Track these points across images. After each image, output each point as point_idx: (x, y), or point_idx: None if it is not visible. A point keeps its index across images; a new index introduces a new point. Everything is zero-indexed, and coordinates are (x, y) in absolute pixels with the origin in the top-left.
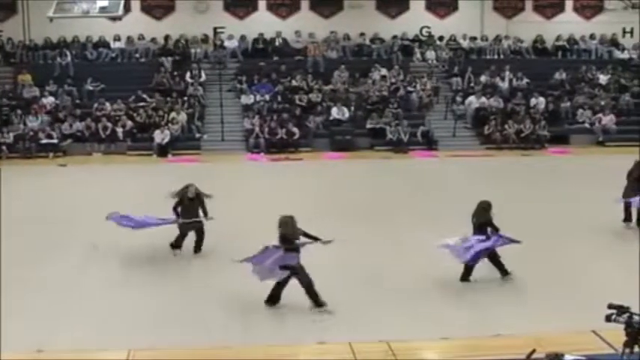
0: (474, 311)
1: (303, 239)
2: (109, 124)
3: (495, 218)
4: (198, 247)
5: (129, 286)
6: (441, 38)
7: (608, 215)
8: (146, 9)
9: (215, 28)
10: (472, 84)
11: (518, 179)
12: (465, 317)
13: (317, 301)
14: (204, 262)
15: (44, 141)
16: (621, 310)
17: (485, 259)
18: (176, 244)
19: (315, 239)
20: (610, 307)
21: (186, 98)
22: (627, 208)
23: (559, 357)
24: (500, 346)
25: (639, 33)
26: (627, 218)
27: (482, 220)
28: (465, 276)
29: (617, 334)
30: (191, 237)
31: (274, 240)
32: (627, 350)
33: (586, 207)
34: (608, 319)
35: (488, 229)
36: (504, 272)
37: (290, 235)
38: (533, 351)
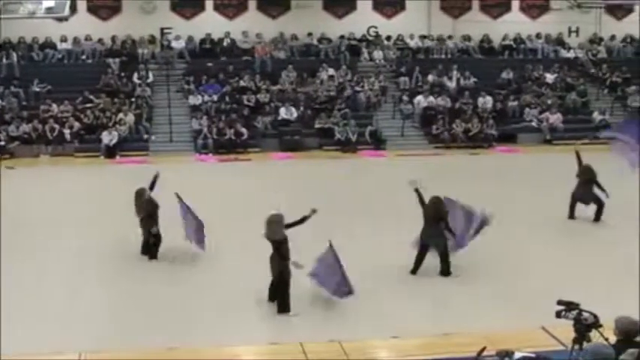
0: (425, 310)
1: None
2: (56, 126)
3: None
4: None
5: (79, 288)
6: (388, 38)
7: (556, 212)
8: (92, 9)
9: (162, 29)
10: (420, 83)
11: (467, 178)
12: (415, 316)
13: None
14: (154, 263)
15: None
16: (571, 306)
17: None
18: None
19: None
20: (559, 303)
21: (133, 99)
22: (573, 206)
23: (509, 354)
24: (450, 344)
25: (585, 32)
26: (571, 216)
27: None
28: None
29: (566, 330)
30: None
31: (223, 239)
32: (576, 347)
33: (534, 204)
34: (558, 315)
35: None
36: (447, 273)
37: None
38: (484, 348)
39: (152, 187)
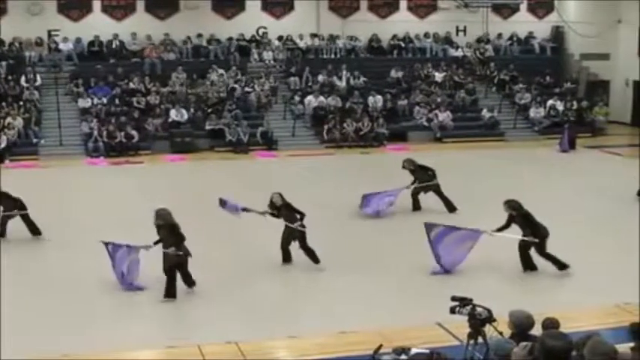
0: (320, 309)
1: None
2: None
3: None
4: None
5: None
6: (280, 38)
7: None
8: None
9: (49, 31)
10: (310, 83)
11: (357, 176)
12: (310, 315)
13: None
14: (37, 265)
15: None
16: (464, 302)
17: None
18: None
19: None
20: (453, 299)
21: (21, 103)
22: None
23: (405, 351)
24: (347, 343)
25: (472, 31)
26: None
27: None
28: None
29: (461, 325)
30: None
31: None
32: (471, 341)
33: (425, 200)
34: (452, 311)
35: None
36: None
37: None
38: (380, 346)
39: None
